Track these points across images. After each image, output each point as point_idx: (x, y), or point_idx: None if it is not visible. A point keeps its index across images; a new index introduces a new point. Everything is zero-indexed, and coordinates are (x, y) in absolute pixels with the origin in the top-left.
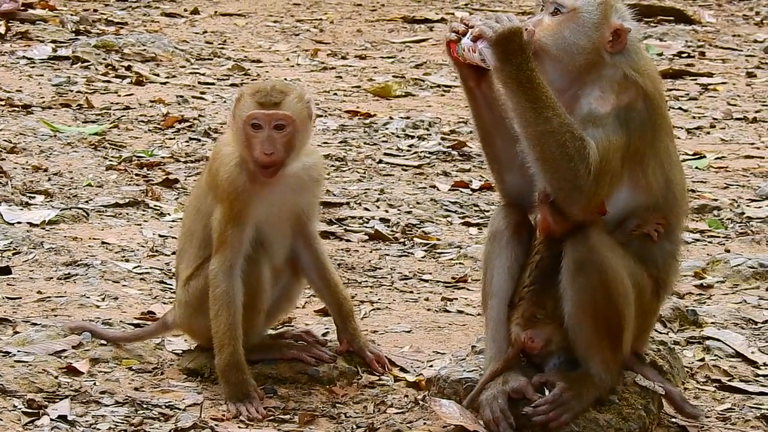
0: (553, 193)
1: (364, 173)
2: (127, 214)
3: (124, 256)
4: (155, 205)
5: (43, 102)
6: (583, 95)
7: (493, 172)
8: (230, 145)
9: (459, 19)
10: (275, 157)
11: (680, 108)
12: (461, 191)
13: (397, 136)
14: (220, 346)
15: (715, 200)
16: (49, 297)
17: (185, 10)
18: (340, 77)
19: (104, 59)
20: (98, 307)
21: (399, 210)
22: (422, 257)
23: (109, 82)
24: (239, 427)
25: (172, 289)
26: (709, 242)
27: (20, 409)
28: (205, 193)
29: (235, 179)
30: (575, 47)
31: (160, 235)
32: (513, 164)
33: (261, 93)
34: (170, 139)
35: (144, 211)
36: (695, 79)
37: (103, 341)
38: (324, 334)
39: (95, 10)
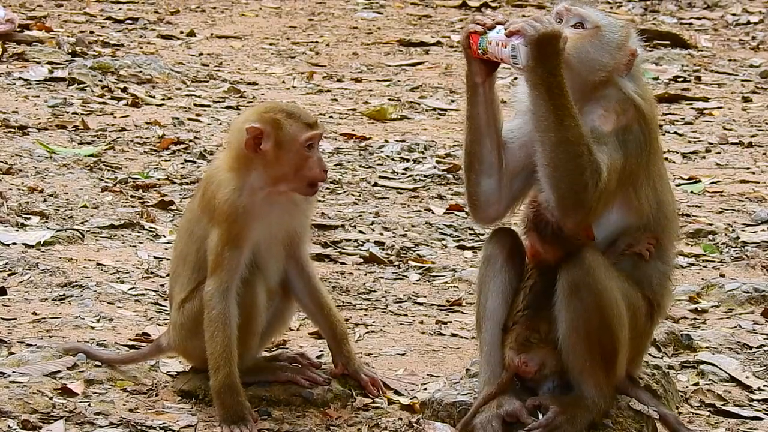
0: (555, 202)
1: (359, 196)
2: (123, 235)
3: (119, 278)
4: (150, 227)
5: (39, 123)
6: (587, 112)
7: (471, 174)
8: (228, 170)
9: (485, 14)
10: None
11: (676, 132)
12: (456, 214)
13: (393, 159)
14: (215, 368)
15: (710, 225)
16: (44, 318)
17: (181, 32)
18: (336, 100)
19: (100, 81)
20: (93, 328)
21: (394, 233)
22: (417, 280)
23: (105, 103)
24: None
25: (166, 310)
26: (704, 267)
27: (15, 430)
28: (197, 217)
29: (234, 202)
30: (597, 63)
31: (155, 257)
32: (493, 168)
33: (300, 115)
34: (166, 160)
35: (139, 232)
36: (691, 104)
37: (97, 362)
38: (318, 357)
39: (91, 32)
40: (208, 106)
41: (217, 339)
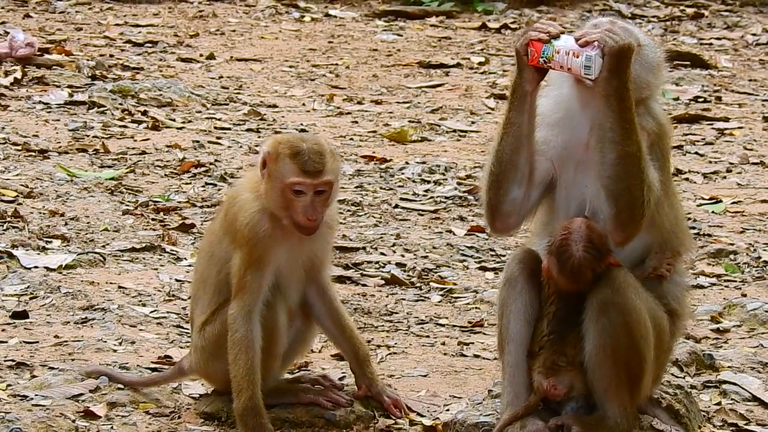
0: (611, 216)
1: (381, 218)
2: (144, 258)
3: (140, 301)
4: (172, 250)
5: (60, 147)
6: None
7: (503, 182)
8: (250, 191)
9: (547, 22)
10: (317, 221)
11: (696, 152)
12: (477, 236)
13: (413, 181)
14: (238, 390)
15: (732, 245)
16: (66, 341)
17: (201, 55)
18: (356, 122)
19: (120, 104)
20: (115, 351)
21: (415, 255)
22: (438, 302)
23: (125, 127)
24: None
25: (188, 333)
26: (726, 286)
27: None
28: (219, 239)
29: (255, 225)
30: (644, 82)
31: (177, 280)
32: (524, 178)
33: (302, 158)
34: (186, 183)
35: (160, 255)
36: (711, 124)
37: (120, 385)
38: (341, 378)
39: (111, 56)
40: (229, 129)
41: (240, 361)
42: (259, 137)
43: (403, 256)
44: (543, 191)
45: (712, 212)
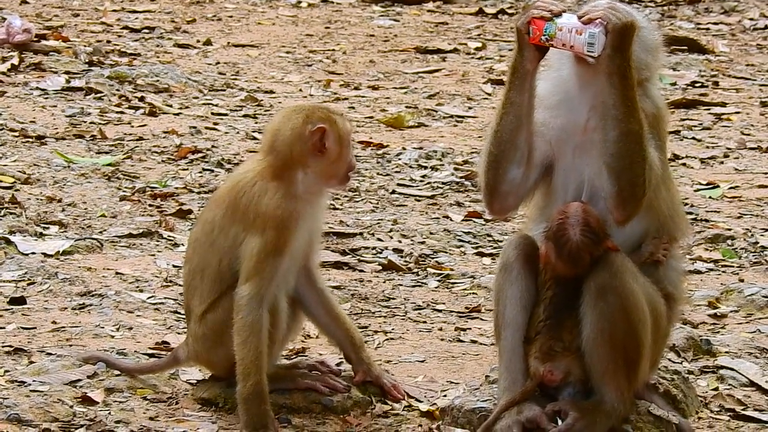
0: (613, 194)
1: (377, 204)
2: (141, 244)
3: (138, 287)
4: (169, 236)
5: (57, 133)
6: None
7: (503, 162)
8: (267, 178)
9: (549, 1)
10: None
11: (694, 138)
12: (474, 221)
13: (410, 167)
14: (245, 374)
15: (729, 230)
16: (63, 327)
17: (198, 41)
18: (353, 108)
19: (117, 90)
20: (113, 337)
21: (412, 240)
22: (436, 287)
23: (122, 113)
24: None
25: (185, 319)
26: (723, 272)
27: None
28: (221, 228)
29: (287, 208)
30: (643, 63)
31: (174, 266)
32: (524, 158)
33: (335, 109)
34: (183, 169)
35: (158, 241)
36: (709, 109)
37: (117, 371)
38: (338, 364)
39: (108, 41)
40: (226, 114)
41: (251, 345)
42: (256, 123)
43: (400, 241)
44: (541, 173)
45: (710, 197)
